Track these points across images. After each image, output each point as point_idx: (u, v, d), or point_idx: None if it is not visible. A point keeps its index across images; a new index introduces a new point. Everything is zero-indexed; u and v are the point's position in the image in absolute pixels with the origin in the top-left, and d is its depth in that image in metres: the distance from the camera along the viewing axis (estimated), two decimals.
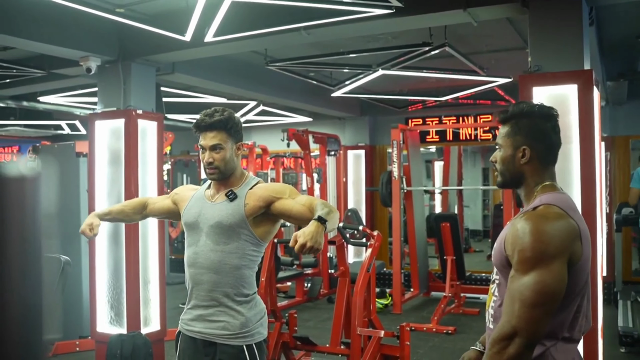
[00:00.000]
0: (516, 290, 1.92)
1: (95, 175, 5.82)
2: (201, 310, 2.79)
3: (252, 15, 4.96)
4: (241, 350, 2.73)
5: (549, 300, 1.89)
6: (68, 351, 6.44)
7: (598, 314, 4.11)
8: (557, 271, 1.89)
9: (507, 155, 2.13)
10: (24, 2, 4.56)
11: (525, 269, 1.91)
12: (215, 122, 2.77)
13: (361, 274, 5.04)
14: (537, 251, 1.90)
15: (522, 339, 1.87)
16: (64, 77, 6.82)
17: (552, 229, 1.94)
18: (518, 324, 1.88)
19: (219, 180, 2.84)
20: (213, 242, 2.76)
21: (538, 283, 1.88)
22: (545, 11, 4.18)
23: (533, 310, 1.87)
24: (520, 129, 2.11)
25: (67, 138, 10.45)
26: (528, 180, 2.13)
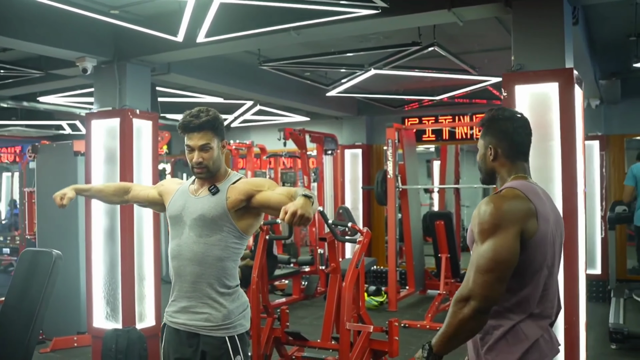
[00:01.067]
0: (474, 258, 2.18)
1: (92, 174, 5.92)
2: (184, 302, 2.87)
3: (242, 16, 5.05)
4: (223, 342, 2.82)
5: (499, 266, 2.11)
6: (66, 346, 6.56)
7: (580, 310, 4.17)
8: (509, 240, 2.13)
9: (481, 154, 2.47)
10: (20, 4, 4.67)
11: (482, 239, 2.17)
12: (203, 122, 2.85)
13: (350, 270, 5.13)
14: (491, 223, 2.16)
15: (475, 302, 2.09)
16: (61, 78, 6.93)
17: (507, 205, 2.19)
18: (473, 287, 2.11)
19: (207, 178, 2.93)
20: (196, 234, 2.85)
21: (490, 251, 2.13)
22: (527, 11, 4.27)
23: (485, 275, 2.11)
24: (488, 131, 2.44)
25: (68, 138, 10.56)
26: (500, 174, 2.43)
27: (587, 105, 8.47)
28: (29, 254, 3.63)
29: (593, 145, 8.69)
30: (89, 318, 5.96)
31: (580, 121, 4.30)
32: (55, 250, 3.56)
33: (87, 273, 5.98)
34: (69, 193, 3.22)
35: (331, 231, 5.49)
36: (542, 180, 4.08)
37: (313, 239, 9.06)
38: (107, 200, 3.41)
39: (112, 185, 3.43)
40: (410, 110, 10.06)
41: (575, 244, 4.07)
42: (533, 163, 4.07)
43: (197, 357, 2.85)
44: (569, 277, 4.04)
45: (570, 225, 4.05)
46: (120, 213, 5.74)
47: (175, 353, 2.90)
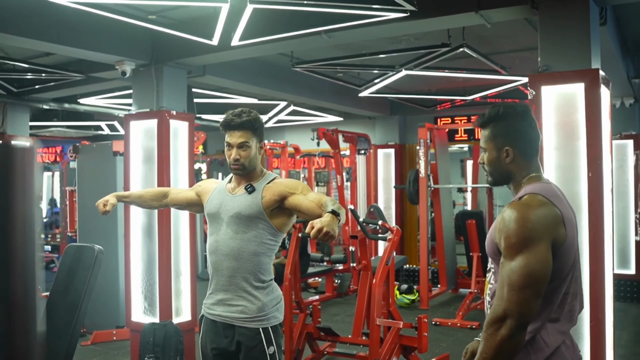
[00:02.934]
0: (505, 275, 2.04)
1: (130, 173, 6.12)
2: (221, 295, 3.03)
3: (275, 20, 5.19)
4: (257, 333, 2.97)
5: (535, 282, 2.00)
6: (106, 340, 6.79)
7: (606, 308, 4.20)
8: (541, 254, 2.01)
9: (493, 157, 2.27)
10: (63, 11, 4.85)
11: (512, 254, 2.03)
12: (244, 122, 3.02)
13: (380, 267, 5.24)
14: (521, 237, 2.02)
15: (512, 320, 1.98)
16: (101, 80, 7.16)
17: (535, 216, 2.06)
18: (508, 306, 1.99)
19: (242, 175, 3.08)
20: (233, 231, 3.00)
21: (524, 267, 2.00)
22: (553, 12, 4.32)
23: (521, 293, 1.99)
24: (499, 131, 2.25)
25: (107, 138, 10.85)
26: (516, 176, 2.27)
27: (621, 104, 8.42)
28: (72, 249, 3.81)
29: (627, 145, 8.60)
30: (127, 312, 6.16)
31: (607, 121, 4.34)
32: (97, 245, 3.72)
33: (126, 269, 6.18)
34: (111, 200, 3.32)
35: (362, 229, 5.60)
36: (568, 180, 4.15)
37: (346, 237, 9.17)
38: (146, 205, 3.51)
39: (150, 190, 3.54)
40: (442, 110, 10.11)
41: (601, 242, 4.11)
42: (559, 163, 4.19)
43: (232, 347, 3.00)
44: (594, 275, 4.08)
45: (597, 224, 4.10)
46: (157, 212, 5.92)
47: (212, 343, 3.06)
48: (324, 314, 7.65)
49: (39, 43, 5.42)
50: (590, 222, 4.10)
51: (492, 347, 2.00)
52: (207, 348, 3.10)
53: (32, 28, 5.23)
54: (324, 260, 8.94)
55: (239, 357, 3.01)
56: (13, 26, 5.12)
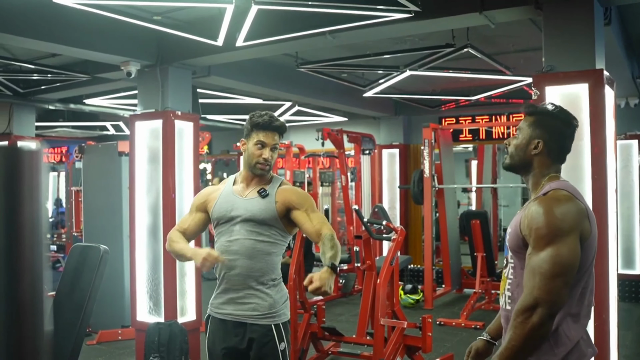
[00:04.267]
0: (535, 264, 2.10)
1: (135, 173, 6.15)
2: (232, 294, 3.06)
3: (279, 20, 5.21)
4: (269, 329, 3.02)
5: (566, 271, 2.08)
6: (111, 339, 6.82)
7: (611, 308, 4.21)
8: (572, 245, 2.09)
9: (521, 143, 2.33)
10: (68, 12, 4.87)
11: (543, 244, 2.10)
12: (282, 125, 3.13)
13: (384, 267, 5.26)
14: (552, 228, 2.10)
15: (543, 308, 2.04)
16: (106, 81, 7.18)
17: (564, 209, 2.14)
18: (539, 295, 2.05)
19: (263, 175, 3.13)
20: (247, 231, 3.04)
21: (556, 256, 2.07)
22: (557, 13, 4.33)
23: (552, 281, 2.05)
24: (541, 124, 2.32)
25: (112, 138, 10.89)
26: (535, 171, 2.32)
27: (626, 104, 8.41)
28: (78, 249, 3.83)
29: (632, 145, 8.59)
30: (132, 312, 6.19)
31: (611, 121, 4.34)
32: (102, 245, 3.74)
33: (131, 269, 6.21)
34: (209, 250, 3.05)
35: (366, 229, 5.62)
36: (572, 180, 4.08)
37: (351, 237, 9.17)
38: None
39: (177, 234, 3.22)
40: (447, 110, 10.11)
41: (605, 242, 4.12)
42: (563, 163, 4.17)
43: (243, 345, 3.03)
44: (599, 275, 4.05)
45: (601, 224, 4.09)
46: (162, 211, 5.94)
47: (221, 343, 3.08)
48: (328, 314, 7.65)
49: (44, 44, 5.45)
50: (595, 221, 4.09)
51: (521, 335, 2.06)
52: (215, 348, 3.11)
53: (37, 29, 5.27)
54: None
55: (249, 355, 3.04)
56: (19, 27, 5.16)
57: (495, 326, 2.54)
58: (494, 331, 2.55)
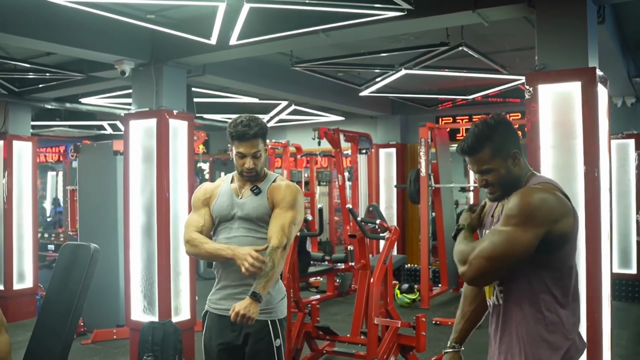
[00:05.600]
0: (489, 234, 2.13)
1: (129, 172, 6.14)
2: (230, 290, 3.07)
3: (272, 19, 5.19)
4: (265, 325, 3.03)
5: (506, 259, 2.08)
6: (106, 339, 6.81)
7: (603, 307, 4.18)
8: (530, 238, 2.06)
9: (502, 171, 2.23)
10: (62, 11, 4.86)
11: (506, 222, 2.09)
12: (257, 132, 3.07)
13: (378, 266, 5.24)
14: (523, 213, 2.07)
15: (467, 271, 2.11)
16: (101, 80, 7.17)
17: (543, 199, 2.10)
18: (471, 260, 2.10)
19: (254, 180, 3.14)
20: (245, 229, 3.08)
21: (508, 239, 2.06)
22: (550, 10, 4.32)
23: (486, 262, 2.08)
24: (499, 143, 2.21)
25: (109, 138, 10.84)
26: (521, 178, 2.26)
27: (622, 103, 8.39)
28: (68, 248, 3.82)
29: (628, 144, 8.56)
30: (127, 311, 6.18)
31: (604, 120, 4.33)
32: (93, 244, 3.73)
33: (125, 268, 6.20)
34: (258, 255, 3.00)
35: (360, 228, 5.60)
36: (564, 178, 4.14)
37: (346, 236, 9.16)
38: None
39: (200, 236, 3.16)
40: (444, 109, 10.10)
41: (597, 241, 4.10)
42: (556, 161, 4.18)
43: (239, 340, 3.04)
44: (591, 274, 4.08)
45: (593, 223, 4.09)
46: (156, 210, 5.93)
47: (218, 338, 3.10)
48: (325, 314, 7.65)
49: (39, 43, 5.45)
50: (587, 220, 4.09)
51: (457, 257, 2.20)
52: (211, 343, 3.13)
53: (32, 28, 5.26)
54: (325, 259, 8.93)
55: (244, 350, 3.05)
56: (13, 26, 5.15)
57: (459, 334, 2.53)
58: (459, 338, 2.53)
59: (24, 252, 7.96)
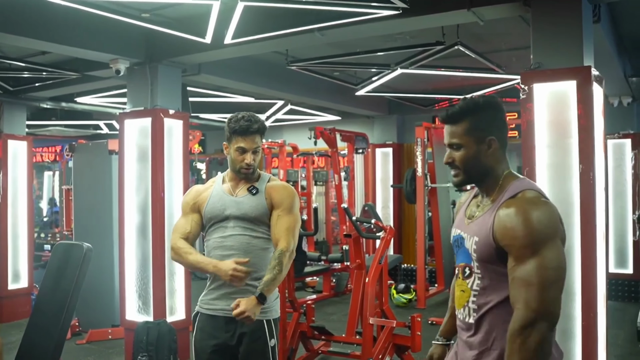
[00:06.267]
0: (524, 277, 1.89)
1: (124, 172, 6.12)
2: (225, 289, 3.04)
3: (267, 18, 5.18)
4: (261, 325, 3.00)
5: (558, 277, 1.91)
6: (101, 339, 6.78)
7: (599, 307, 4.17)
8: (558, 249, 1.93)
9: (471, 152, 2.09)
10: (57, 9, 4.84)
11: (528, 254, 1.90)
12: (259, 128, 3.09)
13: (373, 266, 5.23)
14: (537, 235, 1.91)
15: (545, 322, 1.86)
16: (97, 79, 7.15)
17: (544, 213, 1.95)
18: (539, 307, 1.85)
19: (250, 177, 3.13)
20: (241, 228, 3.06)
21: (550, 261, 1.89)
22: (545, 9, 4.30)
23: (551, 290, 1.88)
24: (481, 122, 2.08)
25: (106, 137, 10.83)
26: (494, 171, 2.11)
27: (619, 103, 8.39)
28: (61, 247, 3.82)
29: (625, 144, 8.56)
30: (122, 311, 6.16)
31: (600, 119, 4.32)
32: (86, 243, 3.72)
33: (120, 268, 6.18)
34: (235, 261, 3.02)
35: (355, 228, 5.59)
36: (560, 178, 4.15)
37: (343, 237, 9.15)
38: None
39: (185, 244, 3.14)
40: (440, 109, 10.08)
41: (593, 241, 4.08)
42: (551, 161, 4.17)
43: (233, 340, 3.01)
44: (586, 274, 4.06)
45: (588, 223, 4.08)
46: (151, 210, 5.91)
47: (211, 339, 3.05)
48: (321, 313, 7.64)
49: (34, 41, 5.43)
50: (582, 220, 4.08)
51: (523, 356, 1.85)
52: (203, 345, 3.09)
53: (26, 26, 5.24)
54: (321, 259, 8.91)
55: (238, 351, 3.02)
56: (8, 24, 5.13)
57: (447, 328, 2.43)
58: (447, 332, 2.44)
59: (19, 252, 7.94)
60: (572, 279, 4.10)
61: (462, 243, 2.14)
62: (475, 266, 2.09)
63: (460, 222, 2.20)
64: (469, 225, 2.13)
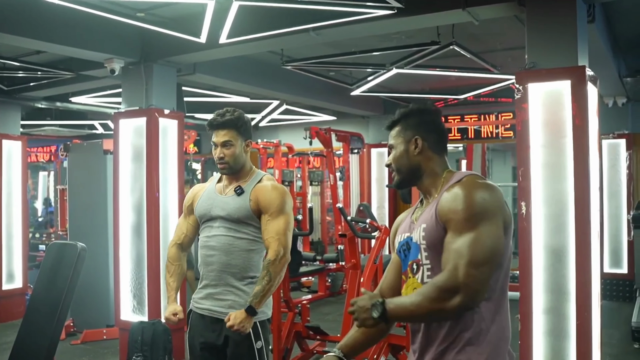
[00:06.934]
0: (461, 247, 1.88)
1: (119, 171, 6.10)
2: (210, 289, 3.05)
3: (262, 17, 5.17)
4: None
5: (492, 257, 1.89)
6: (96, 339, 6.77)
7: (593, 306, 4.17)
8: (498, 230, 1.92)
9: (400, 151, 2.16)
10: (51, 9, 4.83)
11: (468, 227, 1.89)
12: (227, 121, 3.06)
13: (368, 266, 5.23)
14: (477, 209, 1.91)
15: (465, 297, 1.83)
16: (91, 79, 7.13)
17: (487, 192, 1.96)
18: (464, 279, 1.83)
19: (228, 173, 3.11)
20: (225, 228, 3.05)
21: (485, 239, 1.88)
22: (540, 9, 4.31)
23: (480, 268, 1.85)
24: (409, 125, 2.16)
25: (101, 137, 10.80)
26: (428, 170, 2.14)
27: (614, 103, 8.41)
28: (55, 247, 3.81)
29: (620, 144, 8.59)
30: (116, 311, 6.15)
31: (594, 119, 4.33)
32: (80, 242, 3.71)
33: (115, 268, 6.17)
34: (177, 308, 3.13)
35: (350, 228, 5.59)
36: (554, 177, 4.15)
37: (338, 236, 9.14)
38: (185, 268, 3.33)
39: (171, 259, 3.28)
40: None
41: (587, 240, 4.09)
42: (546, 160, 4.17)
43: (220, 341, 3.02)
44: (580, 274, 4.07)
45: (583, 222, 4.09)
46: (146, 210, 5.90)
47: (200, 337, 3.08)
48: (316, 313, 7.64)
49: (28, 41, 5.41)
50: (576, 219, 4.08)
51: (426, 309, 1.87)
52: (194, 342, 3.12)
53: (21, 25, 5.22)
54: (317, 259, 8.90)
55: (226, 351, 3.03)
56: (2, 24, 5.10)
57: (350, 343, 2.27)
58: (347, 348, 2.26)
59: (13, 252, 7.91)
60: (567, 279, 4.11)
61: (410, 242, 2.12)
62: (423, 257, 2.06)
63: (405, 227, 2.19)
64: (415, 223, 2.12)
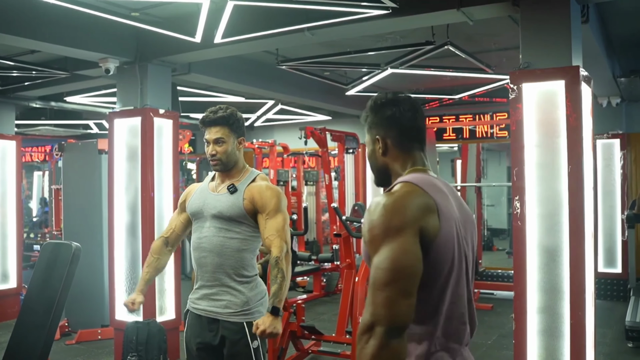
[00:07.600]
0: (371, 275, 1.73)
1: (114, 171, 6.09)
2: (206, 290, 3.05)
3: (257, 17, 5.17)
4: (242, 327, 2.99)
5: (400, 276, 1.68)
6: (90, 339, 6.76)
7: (587, 306, 4.19)
8: (406, 243, 1.70)
9: (369, 152, 2.05)
10: (46, 8, 4.82)
11: (375, 248, 1.74)
12: (219, 118, 3.08)
13: (363, 265, 5.23)
14: (382, 227, 1.73)
15: (382, 326, 1.64)
16: (86, 78, 7.12)
17: (397, 203, 1.77)
18: (375, 310, 1.66)
19: (221, 171, 3.12)
20: (216, 228, 3.03)
21: (386, 259, 1.69)
22: (534, 9, 4.32)
23: (385, 290, 1.66)
24: (372, 122, 2.02)
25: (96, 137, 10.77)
26: (394, 170, 2.00)
27: (608, 103, 8.44)
28: (49, 247, 3.80)
29: (614, 144, 8.61)
30: (111, 311, 6.13)
31: (588, 119, 4.34)
32: (74, 242, 3.70)
33: (110, 267, 6.15)
34: (138, 298, 3.21)
35: (345, 227, 5.59)
36: (549, 177, 4.16)
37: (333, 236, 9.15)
38: (163, 265, 3.36)
39: (153, 252, 3.31)
40: (430, 109, 10.10)
41: (581, 239, 4.10)
42: (540, 160, 4.18)
43: (216, 341, 3.02)
44: (574, 273, 4.08)
45: (577, 222, 4.10)
46: (141, 210, 5.89)
47: (196, 337, 3.09)
48: (311, 313, 7.64)
49: (22, 40, 5.39)
50: (570, 219, 4.10)
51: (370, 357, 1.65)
52: (191, 342, 3.12)
53: (15, 25, 5.20)
54: (312, 259, 8.92)
55: (222, 351, 3.03)
56: None
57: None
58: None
59: (8, 252, 7.89)
60: (561, 278, 4.13)
61: None
62: None
63: None
64: None
